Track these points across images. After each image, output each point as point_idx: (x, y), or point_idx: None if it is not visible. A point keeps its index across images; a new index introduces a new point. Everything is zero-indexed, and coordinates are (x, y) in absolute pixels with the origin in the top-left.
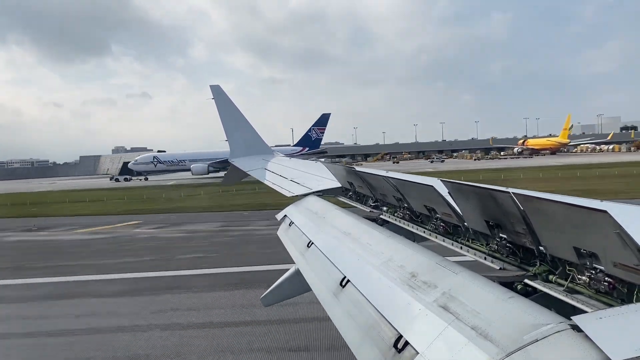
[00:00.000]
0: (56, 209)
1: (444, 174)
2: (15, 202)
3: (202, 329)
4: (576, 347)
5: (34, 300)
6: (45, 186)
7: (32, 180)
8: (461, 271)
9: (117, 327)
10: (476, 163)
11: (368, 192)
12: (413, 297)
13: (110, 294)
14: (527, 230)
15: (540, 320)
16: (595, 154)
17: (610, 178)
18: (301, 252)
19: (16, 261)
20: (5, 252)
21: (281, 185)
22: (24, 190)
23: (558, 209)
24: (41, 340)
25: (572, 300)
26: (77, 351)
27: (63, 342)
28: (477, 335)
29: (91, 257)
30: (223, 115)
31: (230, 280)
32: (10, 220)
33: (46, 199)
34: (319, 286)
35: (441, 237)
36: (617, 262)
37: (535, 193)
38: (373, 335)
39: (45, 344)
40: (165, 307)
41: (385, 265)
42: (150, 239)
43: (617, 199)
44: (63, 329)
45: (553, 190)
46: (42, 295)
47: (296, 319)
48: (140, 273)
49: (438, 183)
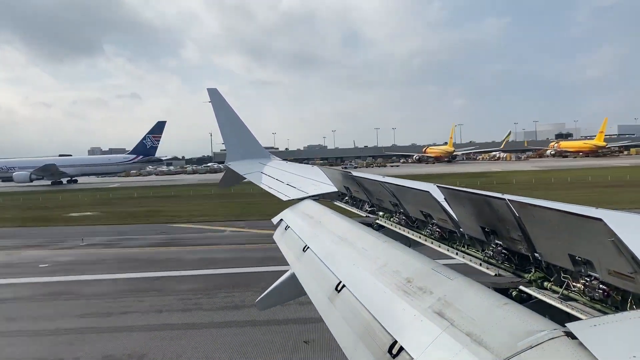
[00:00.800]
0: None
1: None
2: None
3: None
4: (570, 354)
5: None
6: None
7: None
8: (456, 277)
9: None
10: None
11: (364, 197)
12: (408, 302)
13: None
14: (523, 237)
15: (534, 327)
16: (489, 162)
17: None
18: (297, 256)
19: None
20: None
21: (277, 189)
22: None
23: (553, 216)
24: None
25: (567, 307)
26: None
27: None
28: (471, 341)
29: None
30: (220, 118)
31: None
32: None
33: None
34: (314, 290)
35: (437, 243)
36: (612, 269)
37: (531, 200)
38: (368, 341)
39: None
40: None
41: (381, 270)
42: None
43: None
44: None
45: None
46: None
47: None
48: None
49: (434, 189)
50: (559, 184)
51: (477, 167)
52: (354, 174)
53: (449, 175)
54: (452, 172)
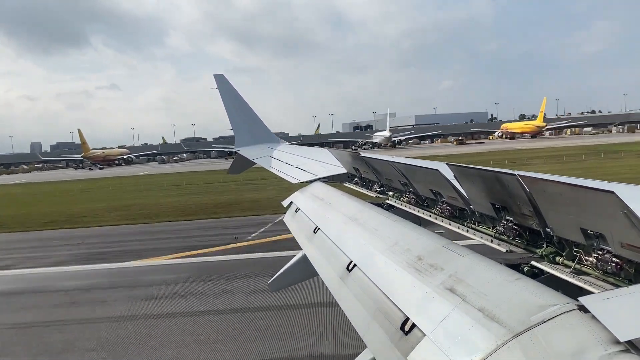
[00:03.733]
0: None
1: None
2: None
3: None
4: (583, 327)
5: None
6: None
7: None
8: (467, 254)
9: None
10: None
11: (374, 177)
12: (420, 280)
13: None
14: (534, 213)
15: (547, 301)
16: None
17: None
18: (308, 237)
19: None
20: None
21: (287, 172)
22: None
23: (564, 190)
24: None
25: (579, 282)
26: None
27: None
28: (484, 316)
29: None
30: (227, 105)
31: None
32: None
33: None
34: (326, 271)
35: (447, 221)
36: (625, 242)
37: (541, 175)
38: (380, 319)
39: None
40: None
41: (392, 249)
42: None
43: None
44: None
45: None
46: None
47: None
48: None
49: (444, 167)
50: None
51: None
52: (363, 154)
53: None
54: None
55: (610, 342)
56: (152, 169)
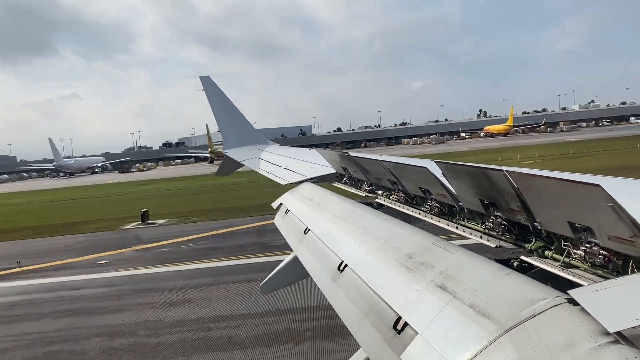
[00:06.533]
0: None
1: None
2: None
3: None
4: (573, 320)
5: None
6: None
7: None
8: (457, 250)
9: None
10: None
11: (363, 176)
12: (410, 278)
13: None
14: (522, 208)
15: (537, 295)
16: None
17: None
18: (298, 239)
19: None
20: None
21: (275, 173)
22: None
23: (551, 184)
24: None
25: (568, 275)
26: None
27: None
28: (475, 313)
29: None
30: (214, 106)
31: None
32: None
33: None
34: (317, 272)
35: (436, 218)
36: (612, 234)
37: (528, 170)
38: (372, 318)
39: None
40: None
41: (382, 248)
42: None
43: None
44: None
45: None
46: None
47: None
48: None
49: (432, 164)
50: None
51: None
52: (351, 154)
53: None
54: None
55: (600, 333)
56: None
